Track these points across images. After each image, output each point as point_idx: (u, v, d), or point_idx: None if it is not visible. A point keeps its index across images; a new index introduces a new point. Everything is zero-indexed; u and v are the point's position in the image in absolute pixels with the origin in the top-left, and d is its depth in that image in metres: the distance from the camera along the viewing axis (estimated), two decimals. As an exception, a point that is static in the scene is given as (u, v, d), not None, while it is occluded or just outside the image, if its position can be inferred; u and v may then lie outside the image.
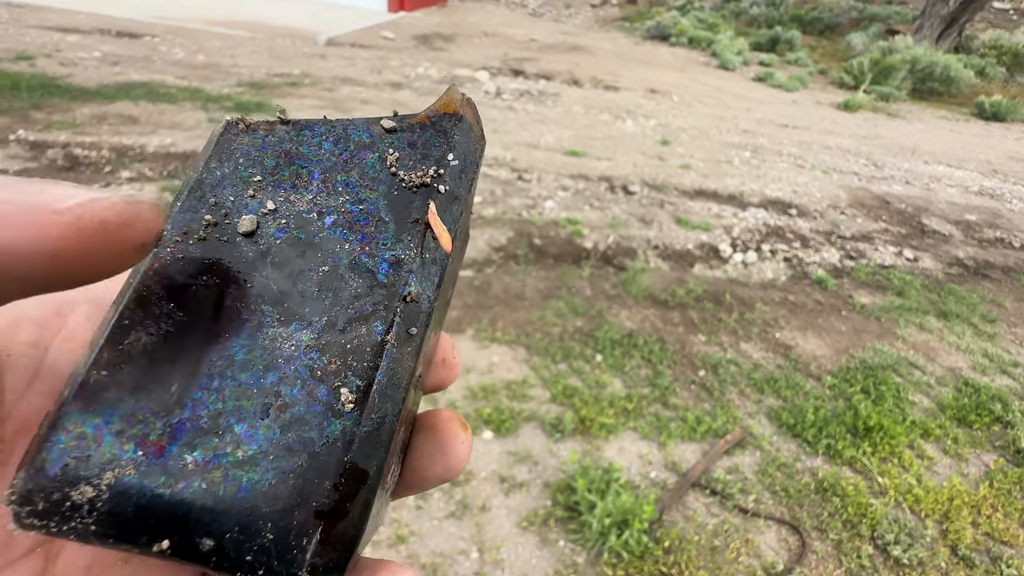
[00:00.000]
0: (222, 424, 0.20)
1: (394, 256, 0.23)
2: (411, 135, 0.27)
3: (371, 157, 0.26)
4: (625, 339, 2.54)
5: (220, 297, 0.22)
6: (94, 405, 0.20)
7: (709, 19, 11.49)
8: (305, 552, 0.19)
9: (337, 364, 0.21)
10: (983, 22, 12.74)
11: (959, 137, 6.75)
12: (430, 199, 0.25)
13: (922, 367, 2.64)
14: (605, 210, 3.66)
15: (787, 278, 3.24)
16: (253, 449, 0.20)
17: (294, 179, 0.25)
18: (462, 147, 0.27)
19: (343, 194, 0.25)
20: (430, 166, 0.26)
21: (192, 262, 0.23)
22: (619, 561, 1.63)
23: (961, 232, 4.10)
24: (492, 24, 9.88)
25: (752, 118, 6.29)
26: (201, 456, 0.19)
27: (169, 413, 0.20)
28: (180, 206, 0.24)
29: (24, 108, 3.92)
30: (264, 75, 5.46)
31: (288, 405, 0.20)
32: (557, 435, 2.01)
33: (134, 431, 0.20)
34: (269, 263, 0.23)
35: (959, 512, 1.93)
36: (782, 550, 1.75)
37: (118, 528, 0.19)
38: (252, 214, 0.24)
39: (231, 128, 0.26)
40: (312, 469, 0.19)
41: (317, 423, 0.20)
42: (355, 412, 0.20)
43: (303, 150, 0.26)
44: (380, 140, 0.26)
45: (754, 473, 1.99)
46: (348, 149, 0.26)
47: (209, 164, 0.25)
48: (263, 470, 0.19)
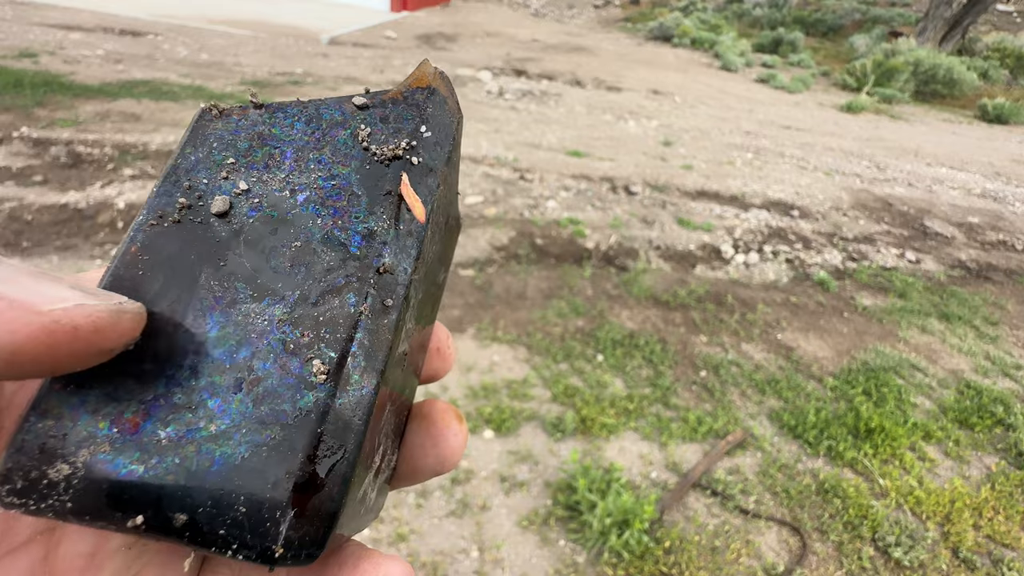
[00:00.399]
0: (195, 400, 0.20)
1: (367, 228, 0.23)
2: (383, 110, 0.27)
3: (343, 134, 0.26)
4: (626, 339, 2.54)
5: (194, 276, 0.22)
6: (71, 386, 0.20)
7: (712, 20, 11.48)
8: (279, 525, 0.18)
9: (310, 336, 0.21)
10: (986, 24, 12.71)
11: (962, 139, 6.74)
12: (402, 171, 0.25)
13: (924, 369, 2.64)
14: (607, 210, 3.66)
15: (789, 279, 3.23)
16: (226, 423, 0.19)
17: (267, 160, 0.25)
18: (436, 120, 0.27)
19: (315, 171, 0.25)
20: (402, 139, 0.26)
21: (167, 244, 0.23)
22: (619, 561, 1.62)
23: (963, 234, 4.09)
24: (495, 24, 9.88)
25: (754, 119, 6.28)
26: (175, 431, 0.19)
27: (143, 390, 0.20)
28: (155, 191, 0.24)
29: (27, 105, 3.93)
30: (267, 74, 5.47)
31: (261, 379, 0.20)
32: (558, 435, 2.01)
33: (109, 409, 0.20)
34: (242, 241, 0.23)
35: (960, 514, 1.92)
36: (783, 551, 1.74)
37: (93, 505, 0.19)
38: (225, 195, 0.24)
39: (205, 115, 0.27)
40: (285, 441, 0.19)
41: (290, 395, 0.20)
42: (328, 384, 0.20)
43: (276, 131, 0.26)
44: (352, 117, 0.26)
45: (755, 474, 1.98)
46: (320, 128, 0.26)
47: (184, 150, 0.25)
48: (236, 443, 0.19)
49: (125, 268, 0.22)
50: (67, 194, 2.99)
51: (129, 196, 3.05)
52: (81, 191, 3.04)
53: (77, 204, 2.93)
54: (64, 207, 2.89)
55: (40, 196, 2.95)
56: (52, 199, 2.94)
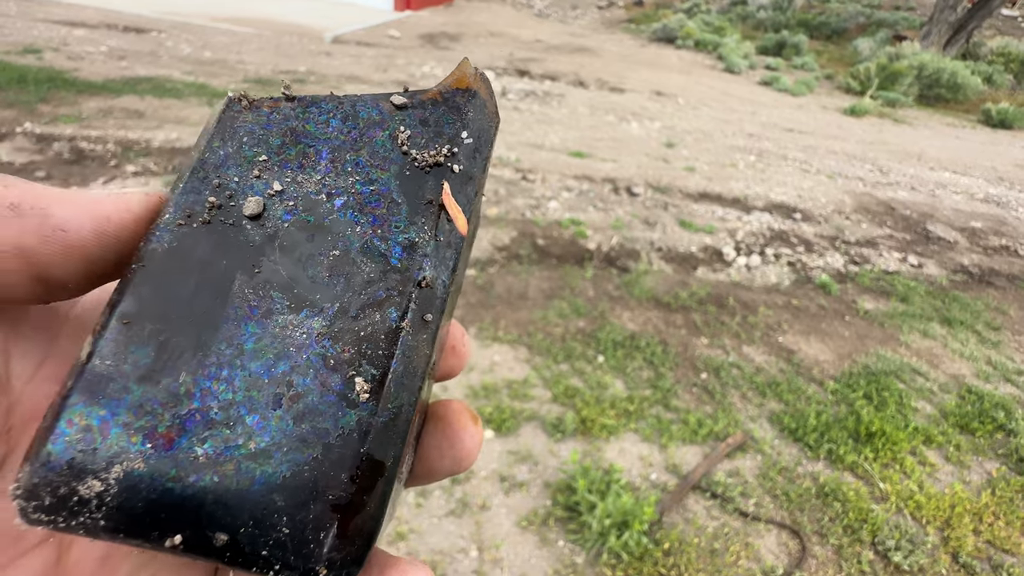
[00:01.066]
0: (233, 415, 0.19)
1: (407, 239, 0.23)
2: (423, 112, 0.26)
3: (381, 135, 0.25)
4: (627, 340, 2.53)
5: (227, 283, 0.21)
6: (99, 396, 0.19)
7: (716, 22, 11.48)
8: (322, 546, 0.18)
9: (351, 352, 0.20)
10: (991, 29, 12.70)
11: (965, 144, 6.73)
12: (444, 179, 0.24)
13: (925, 374, 2.63)
14: (609, 211, 3.66)
15: (791, 282, 3.23)
16: (266, 441, 0.19)
17: (301, 158, 0.24)
18: (476, 124, 0.26)
19: (353, 174, 0.24)
20: (443, 144, 0.25)
21: (197, 246, 0.22)
22: (618, 562, 1.62)
23: (966, 239, 4.08)
24: (498, 24, 9.89)
25: (757, 122, 6.28)
26: (212, 448, 0.19)
27: (178, 404, 0.19)
28: (183, 187, 0.23)
29: (31, 101, 3.94)
30: (270, 72, 5.47)
31: (301, 395, 0.20)
32: (558, 435, 2.01)
33: (142, 423, 0.19)
34: (277, 247, 0.22)
35: (961, 519, 1.92)
36: (782, 554, 1.74)
37: (128, 523, 0.18)
38: (258, 196, 0.23)
39: (233, 105, 0.25)
40: (327, 461, 0.19)
41: (331, 413, 0.19)
42: (371, 402, 0.20)
43: (310, 128, 0.25)
44: (390, 117, 0.26)
45: (755, 477, 1.98)
46: (357, 127, 0.25)
47: (212, 143, 0.24)
48: (277, 462, 0.19)
49: (153, 267, 0.21)
50: (70, 190, 3.00)
51: (132, 193, 3.05)
52: (84, 187, 3.04)
53: (80, 200, 2.93)
54: (67, 203, 2.90)
55: (43, 192, 2.95)
56: (55, 195, 2.94)
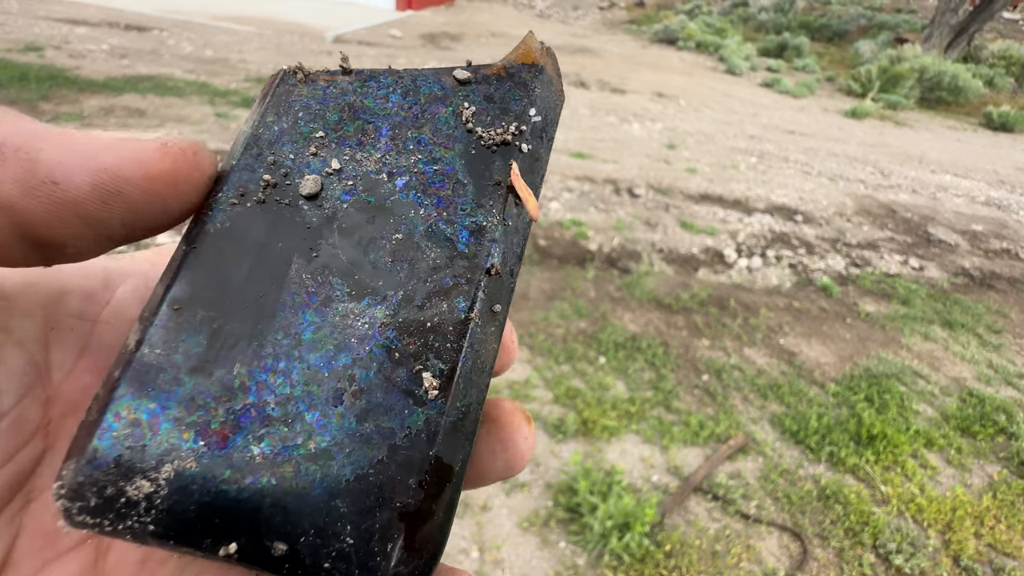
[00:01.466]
0: (291, 411, 0.18)
1: (475, 223, 0.21)
2: (487, 87, 0.24)
3: (444, 112, 0.24)
4: (629, 342, 2.53)
5: (283, 267, 0.20)
6: (148, 388, 0.18)
7: (717, 24, 11.49)
8: (389, 559, 0.17)
9: (416, 345, 0.19)
10: (992, 32, 12.71)
11: (966, 147, 6.73)
12: (512, 159, 0.23)
13: (926, 376, 2.63)
14: (610, 212, 3.66)
15: (792, 284, 3.23)
16: (327, 440, 0.18)
17: (360, 135, 0.23)
18: (543, 102, 0.25)
19: (415, 153, 0.23)
20: (510, 122, 0.23)
21: (251, 227, 0.20)
22: (620, 564, 1.62)
23: (967, 242, 4.08)
24: (499, 24, 9.89)
25: (759, 123, 6.28)
26: (269, 447, 0.17)
27: (232, 398, 0.18)
28: (236, 164, 0.22)
29: (32, 99, 3.93)
30: (271, 70, 5.47)
31: (364, 391, 0.18)
32: (559, 436, 2.01)
33: (194, 418, 0.18)
34: (336, 230, 0.21)
35: (962, 523, 1.92)
36: (783, 556, 1.74)
37: (179, 528, 0.17)
38: (315, 174, 0.22)
39: (288, 78, 0.24)
40: (394, 464, 0.17)
41: (397, 411, 0.18)
42: (439, 400, 0.18)
43: (368, 103, 0.24)
44: (453, 93, 0.24)
45: (756, 479, 1.98)
46: (418, 102, 0.24)
47: (265, 118, 0.23)
48: (339, 464, 0.17)
49: (205, 249, 0.20)
50: (71, 188, 3.00)
51: (133, 191, 3.05)
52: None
53: (81, 198, 2.93)
54: (68, 201, 2.89)
55: (44, 190, 2.95)
56: (56, 193, 2.94)
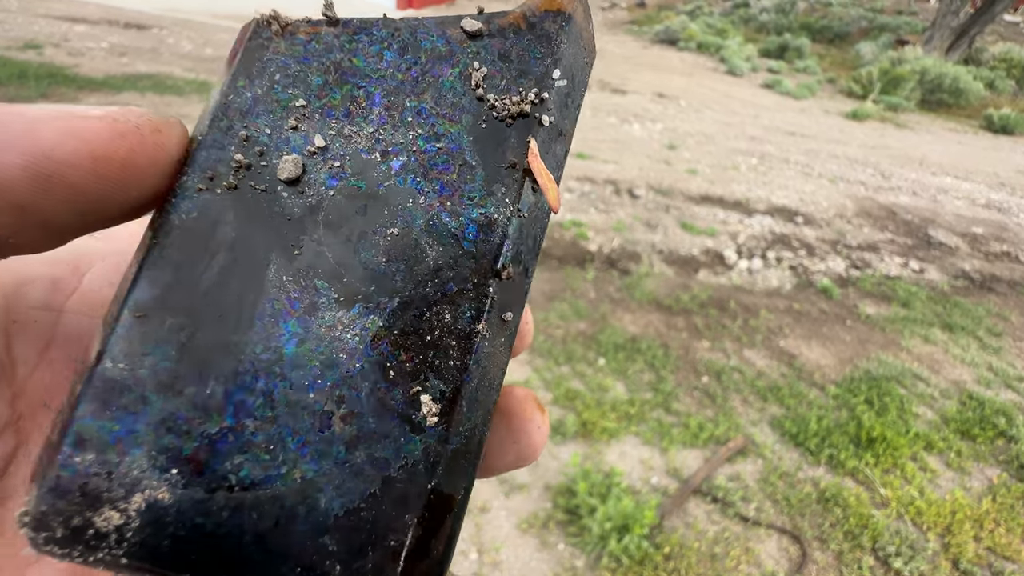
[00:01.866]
0: (273, 436, 0.16)
1: (484, 215, 0.18)
2: (502, 42, 0.19)
3: (449, 74, 0.19)
4: (628, 343, 2.53)
5: (260, 268, 0.17)
6: (112, 407, 0.16)
7: (718, 25, 11.49)
8: None
9: (415, 362, 0.16)
10: (993, 35, 12.71)
11: (967, 149, 6.73)
12: (530, 135, 0.18)
13: (926, 379, 2.63)
14: (610, 213, 3.65)
15: (792, 286, 3.22)
16: (313, 470, 0.16)
17: (348, 104, 0.19)
18: (569, 60, 0.20)
19: (414, 126, 0.19)
20: (529, 88, 0.19)
21: (222, 218, 0.18)
22: (618, 566, 1.62)
23: (967, 245, 4.08)
24: (501, 24, 9.89)
25: (759, 125, 6.28)
26: (249, 477, 0.16)
27: (207, 420, 0.16)
28: (203, 140, 0.19)
29: (31, 97, 3.93)
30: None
31: (354, 415, 0.16)
32: (559, 438, 2.00)
33: (165, 442, 0.16)
34: (321, 222, 0.18)
35: (961, 526, 1.91)
36: (782, 559, 1.74)
37: (154, 563, 0.15)
38: (296, 154, 0.19)
39: (262, 31, 0.20)
40: (388, 499, 0.15)
41: (392, 439, 0.16)
42: (440, 426, 0.16)
43: (358, 63, 0.19)
44: (461, 49, 0.19)
45: (756, 481, 1.97)
46: (418, 62, 0.19)
47: (236, 82, 0.19)
48: (327, 498, 0.15)
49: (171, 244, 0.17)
50: (70, 186, 2.99)
51: (132, 189, 3.04)
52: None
53: (80, 196, 2.92)
54: (67, 199, 2.89)
55: (43, 188, 2.94)
56: (55, 191, 2.93)
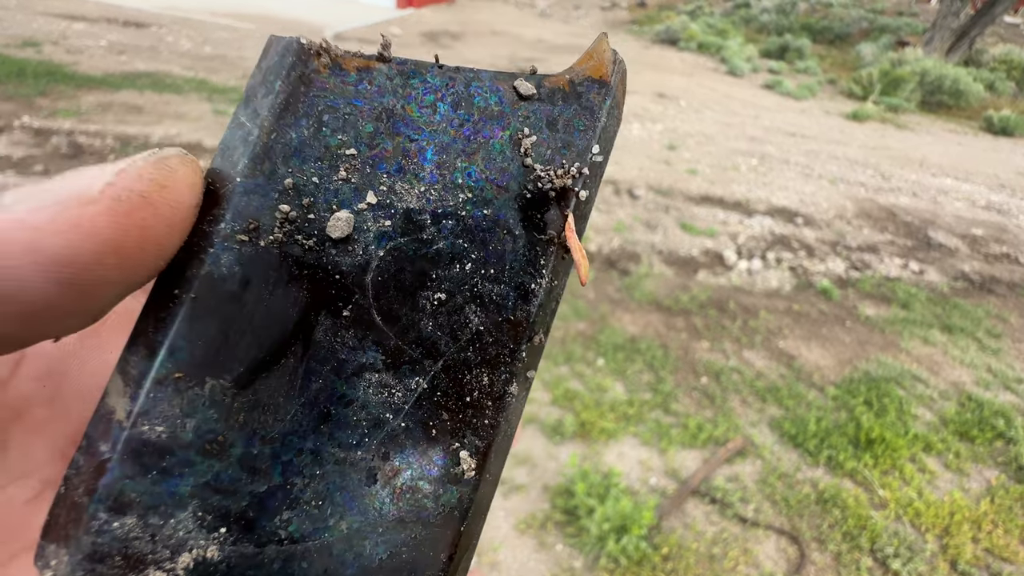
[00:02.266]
0: (321, 491, 0.16)
1: (522, 285, 0.18)
2: (550, 108, 0.20)
3: (500, 136, 0.19)
4: (628, 344, 2.53)
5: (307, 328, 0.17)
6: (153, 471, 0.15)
7: (719, 25, 11.48)
8: None
9: (455, 422, 0.17)
10: (993, 36, 12.72)
11: (967, 151, 6.73)
12: (568, 210, 0.19)
13: (925, 380, 2.63)
14: (610, 214, 3.65)
15: (792, 287, 3.22)
16: (359, 521, 0.17)
17: (400, 158, 0.18)
18: (607, 134, 0.20)
19: (464, 189, 0.18)
20: (572, 161, 0.19)
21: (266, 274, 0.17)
22: (617, 567, 1.61)
23: (967, 246, 4.08)
24: (500, 23, 9.87)
25: (760, 125, 6.27)
26: (298, 531, 0.16)
27: (255, 480, 0.16)
28: (242, 183, 0.17)
29: (29, 94, 3.91)
30: (272, 68, 5.46)
31: (399, 470, 0.17)
32: (557, 438, 2.00)
33: (213, 502, 0.16)
34: (370, 284, 0.17)
35: (960, 527, 1.91)
36: (781, 560, 1.73)
37: None
38: (347, 209, 0.17)
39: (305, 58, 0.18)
40: (427, 541, 0.17)
41: (432, 490, 0.17)
42: (474, 478, 0.17)
43: (412, 112, 0.18)
44: (512, 111, 0.19)
45: (754, 482, 1.97)
46: (471, 119, 0.19)
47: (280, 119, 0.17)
48: (372, 544, 0.16)
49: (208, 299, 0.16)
50: (68, 184, 2.98)
51: (131, 188, 3.04)
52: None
53: (78, 194, 2.91)
54: (65, 197, 2.88)
55: (41, 185, 2.93)
56: (53, 189, 2.92)
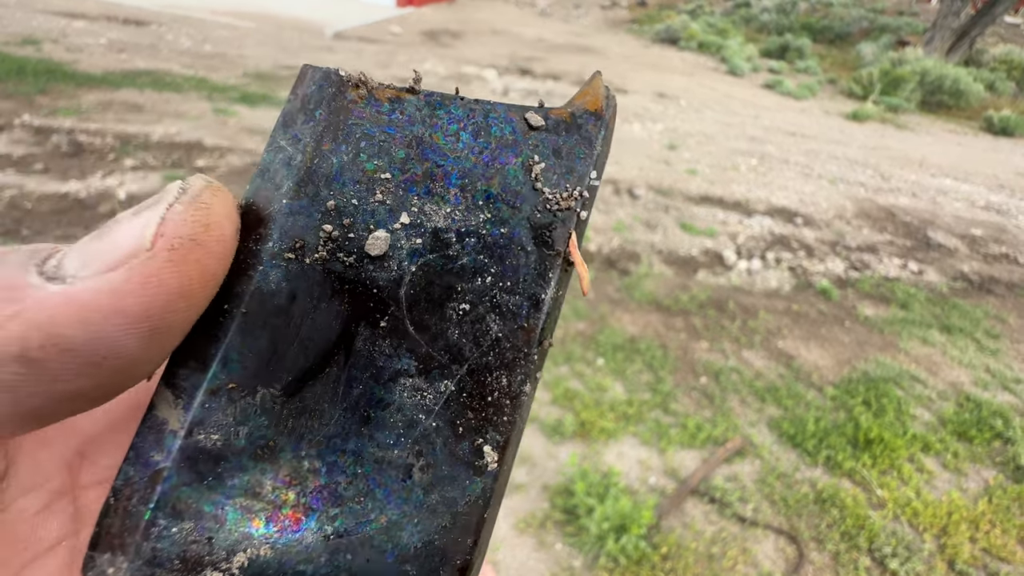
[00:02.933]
0: (362, 489, 0.18)
1: (534, 295, 0.21)
2: (555, 138, 0.22)
3: (514, 163, 0.21)
4: (627, 344, 2.53)
5: (348, 338, 0.18)
6: (209, 477, 0.17)
7: (719, 24, 11.48)
8: None
9: (479, 420, 0.19)
10: (994, 36, 12.71)
11: (967, 151, 6.74)
12: (571, 227, 0.21)
13: (924, 381, 2.63)
14: (610, 213, 3.65)
15: (791, 287, 3.22)
16: (396, 513, 0.18)
17: (428, 182, 0.20)
18: (602, 161, 0.23)
19: (484, 210, 0.21)
20: (575, 185, 0.22)
21: (312, 289, 0.18)
22: (616, 566, 1.62)
23: (966, 246, 4.09)
24: (501, 22, 9.86)
25: (760, 125, 6.27)
26: (343, 526, 0.18)
27: (302, 481, 0.18)
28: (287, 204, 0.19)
29: (30, 93, 3.91)
30: (271, 66, 5.45)
31: (431, 465, 0.19)
32: (557, 438, 2.00)
33: (263, 504, 0.17)
34: (403, 297, 0.19)
35: (957, 527, 1.92)
36: (779, 560, 1.74)
37: None
38: (383, 229, 0.19)
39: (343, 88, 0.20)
40: (456, 528, 0.18)
41: (460, 482, 0.19)
42: (496, 469, 0.19)
43: (439, 140, 0.21)
44: (524, 140, 0.22)
45: (753, 482, 1.98)
46: (489, 147, 0.21)
47: (322, 144, 0.19)
48: (408, 534, 0.18)
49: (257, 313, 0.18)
50: (68, 183, 2.98)
51: (130, 187, 3.03)
52: (82, 180, 3.02)
53: (78, 193, 2.91)
54: (65, 196, 2.88)
55: (41, 184, 2.93)
56: (53, 188, 2.92)
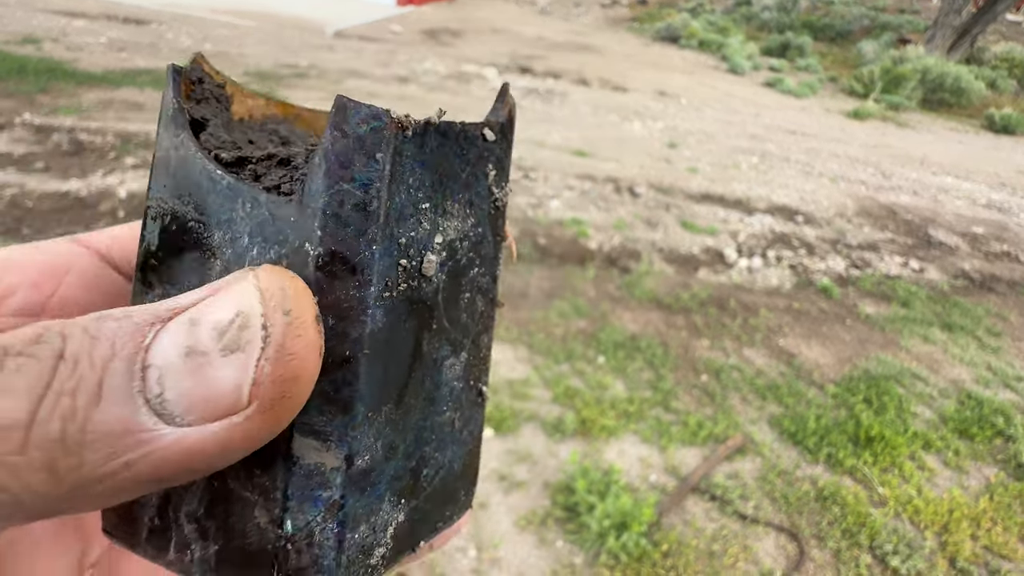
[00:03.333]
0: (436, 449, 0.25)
1: (494, 273, 0.26)
2: (498, 148, 0.25)
3: (480, 173, 0.25)
4: (628, 341, 2.53)
5: (419, 345, 0.23)
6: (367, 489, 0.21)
7: (720, 23, 11.46)
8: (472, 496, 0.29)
9: (478, 371, 0.26)
10: (995, 34, 12.69)
11: (968, 149, 6.73)
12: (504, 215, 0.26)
13: (925, 378, 2.63)
14: (611, 211, 3.65)
15: (792, 285, 3.22)
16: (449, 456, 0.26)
17: (444, 202, 0.23)
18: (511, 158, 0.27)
19: (469, 217, 0.24)
20: (507, 182, 0.26)
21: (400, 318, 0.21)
22: (617, 563, 1.62)
23: (968, 244, 4.08)
24: (501, 21, 9.85)
25: (760, 123, 6.27)
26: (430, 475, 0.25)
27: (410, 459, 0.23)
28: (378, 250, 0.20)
29: (30, 92, 3.91)
30: (271, 65, 5.45)
31: (462, 413, 0.26)
32: (558, 435, 2.00)
33: (395, 487, 0.22)
34: (441, 301, 0.23)
35: (959, 524, 1.92)
36: (780, 557, 1.74)
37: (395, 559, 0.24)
38: (430, 252, 0.22)
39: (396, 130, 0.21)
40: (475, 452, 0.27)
41: (475, 418, 0.27)
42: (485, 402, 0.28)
43: (449, 165, 0.23)
44: (483, 153, 0.25)
45: (754, 479, 1.98)
46: (469, 164, 0.24)
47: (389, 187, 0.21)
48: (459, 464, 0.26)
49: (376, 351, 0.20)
50: (68, 182, 2.98)
51: (131, 185, 3.03)
52: (83, 179, 3.02)
53: (78, 192, 2.91)
54: (65, 195, 2.88)
55: (41, 183, 2.93)
56: (53, 186, 2.92)
